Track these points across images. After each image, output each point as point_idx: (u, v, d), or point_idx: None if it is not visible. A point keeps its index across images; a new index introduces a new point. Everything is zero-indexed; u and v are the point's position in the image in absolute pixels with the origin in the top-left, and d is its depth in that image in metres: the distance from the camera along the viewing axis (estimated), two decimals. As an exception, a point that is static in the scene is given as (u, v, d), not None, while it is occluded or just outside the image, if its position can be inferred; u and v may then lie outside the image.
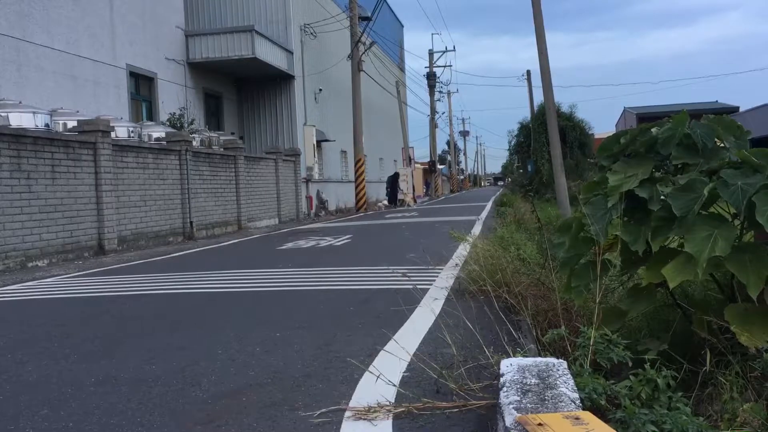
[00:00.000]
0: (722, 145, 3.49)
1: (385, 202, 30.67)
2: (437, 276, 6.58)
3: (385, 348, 3.74)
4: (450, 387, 2.98)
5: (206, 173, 15.88)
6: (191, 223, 14.83)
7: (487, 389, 2.95)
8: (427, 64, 53.79)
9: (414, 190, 36.43)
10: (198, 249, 12.35)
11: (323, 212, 25.15)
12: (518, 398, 2.37)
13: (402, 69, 47.70)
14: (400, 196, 31.06)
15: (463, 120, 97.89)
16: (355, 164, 26.70)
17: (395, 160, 42.75)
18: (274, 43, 22.75)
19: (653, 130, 3.58)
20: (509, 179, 50.38)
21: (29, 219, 10.37)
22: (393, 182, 30.87)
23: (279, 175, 20.50)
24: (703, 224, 3.07)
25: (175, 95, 19.80)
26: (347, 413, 2.81)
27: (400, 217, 20.46)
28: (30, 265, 10.25)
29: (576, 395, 2.39)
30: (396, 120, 38.96)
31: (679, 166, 3.52)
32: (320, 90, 27.17)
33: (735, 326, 3.07)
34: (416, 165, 46.36)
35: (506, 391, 2.45)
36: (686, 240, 3.10)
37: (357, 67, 26.10)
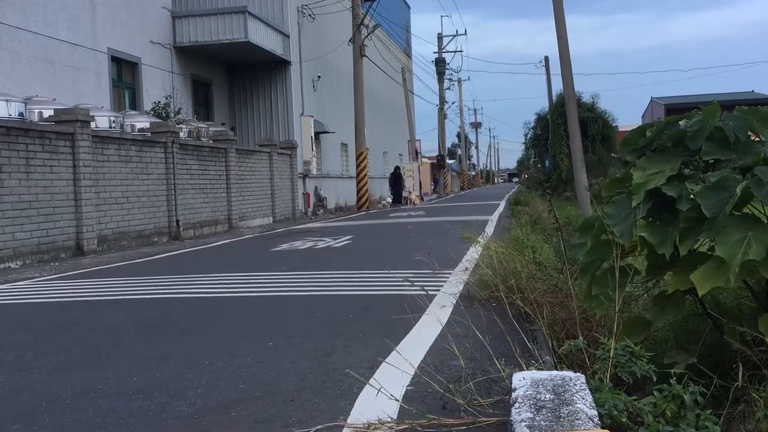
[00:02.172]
0: (757, 139, 3.48)
1: (389, 200, 30.65)
2: (445, 281, 6.57)
3: (388, 359, 3.75)
4: (457, 402, 2.98)
5: (194, 167, 15.91)
6: (178, 221, 14.87)
7: (497, 405, 2.95)
8: (436, 50, 53.81)
9: (420, 187, 36.43)
10: (185, 250, 12.38)
11: (321, 211, 25.17)
12: (531, 415, 2.37)
13: (408, 55, 47.71)
14: (404, 194, 31.04)
15: (474, 110, 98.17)
16: (357, 158, 26.71)
17: (400, 154, 42.76)
18: (268, 25, 22.78)
19: (681, 122, 3.57)
20: (525, 175, 50.28)
21: (1, 216, 10.41)
22: (395, 179, 30.84)
23: (273, 169, 20.53)
24: (736, 226, 3.06)
25: (160, 82, 19.84)
26: (345, 430, 2.82)
27: (405, 217, 20.44)
28: (1, 266, 10.29)
29: (594, 412, 2.39)
30: (401, 110, 38.97)
31: (710, 162, 3.51)
32: (319, 77, 27.18)
33: (770, 338, 3.06)
34: (423, 160, 46.37)
35: (518, 408, 2.45)
36: (717, 243, 3.09)
37: (359, 53, 26.11)
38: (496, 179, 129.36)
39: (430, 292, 5.46)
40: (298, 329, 4.98)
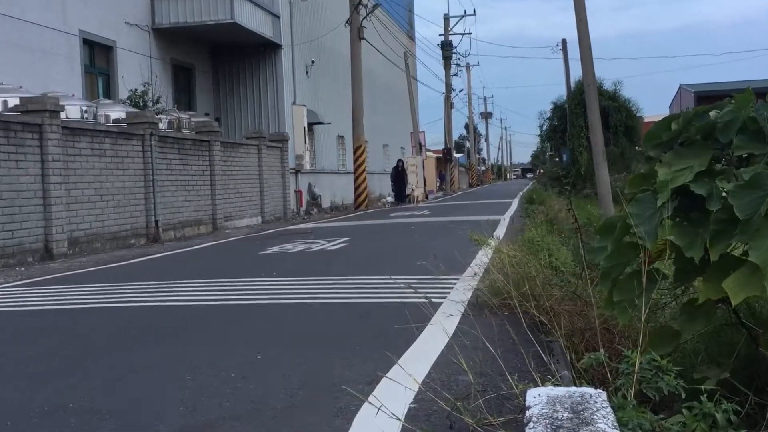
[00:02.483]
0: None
1: (389, 199, 30.54)
2: (452, 287, 6.58)
3: (388, 374, 3.75)
4: (466, 422, 2.99)
5: (175, 162, 15.92)
6: (157, 222, 14.88)
7: (509, 425, 2.95)
8: (442, 32, 53.79)
9: (425, 183, 36.39)
10: (165, 253, 12.38)
11: (315, 210, 25.19)
12: (547, 436, 2.37)
13: (411, 37, 47.73)
14: (407, 191, 30.91)
15: (484, 99, 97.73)
16: (355, 152, 26.72)
17: (402, 147, 42.76)
18: (257, 5, 22.78)
19: (711, 113, 3.57)
20: (540, 171, 50.32)
21: (-38, 216, 10.42)
22: (396, 174, 30.68)
23: (262, 164, 20.54)
24: (772, 228, 3.06)
25: (137, 68, 19.85)
26: (341, 452, 2.82)
27: (408, 216, 20.45)
28: (-37, 271, 10.30)
29: (617, 432, 2.39)
30: (404, 99, 38.98)
31: (744, 156, 3.51)
32: (312, 62, 27.18)
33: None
34: (428, 153, 46.33)
35: (533, 428, 2.45)
36: (750, 248, 3.09)
37: (357, 35, 26.11)
38: (508, 175, 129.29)
39: (435, 300, 5.47)
40: (289, 340, 4.99)
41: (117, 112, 15.32)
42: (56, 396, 3.85)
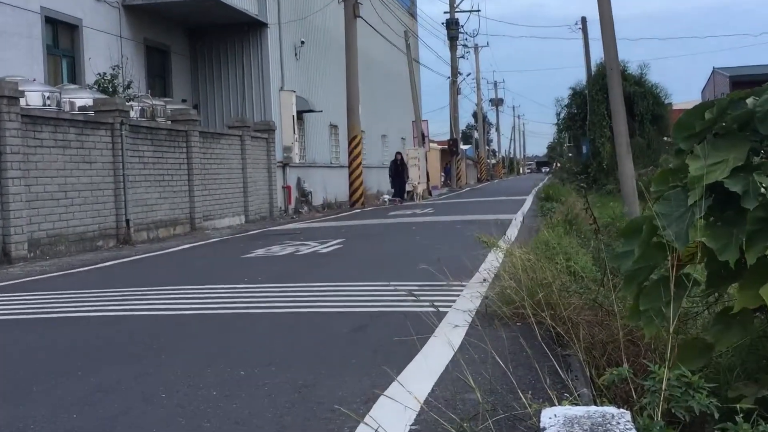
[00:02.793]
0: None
1: (386, 197, 30.43)
2: (458, 295, 6.59)
3: (387, 392, 3.75)
4: (473, 445, 2.99)
5: (148, 155, 15.92)
6: (128, 221, 14.87)
7: (522, 449, 2.95)
8: (447, 9, 53.84)
9: (428, 178, 36.42)
10: (136, 257, 12.38)
11: (306, 208, 25.19)
12: (564, 461, 2.37)
13: (413, 15, 47.74)
14: (407, 187, 30.80)
15: (495, 84, 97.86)
16: (350, 143, 26.72)
17: (403, 138, 42.79)
18: (240, -21, 22.78)
19: (749, 100, 3.57)
20: (557, 164, 50.29)
21: None
22: (395, 168, 30.58)
23: (246, 157, 20.54)
24: (816, 228, 3.06)
25: (106, 49, 19.83)
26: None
27: (409, 215, 20.45)
28: None
29: (642, 458, 2.39)
30: (404, 84, 38.99)
31: (786, 149, 3.51)
32: (302, 43, 27.17)
33: None
34: (432, 145, 46.40)
35: (548, 452, 2.44)
36: (792, 250, 3.09)
37: (352, 12, 26.11)
38: (521, 169, 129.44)
39: (439, 309, 5.46)
40: (277, 354, 4.98)
41: (83, 99, 15.29)
42: (13, 419, 3.84)
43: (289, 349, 5.14)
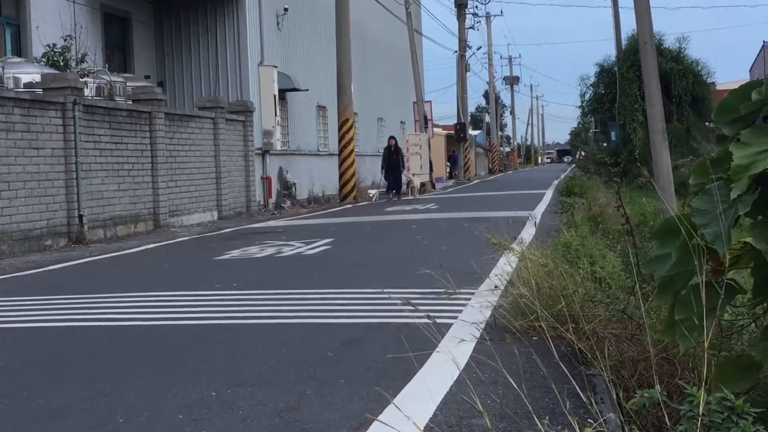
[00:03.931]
0: None
1: (374, 192, 29.39)
2: (464, 305, 6.59)
3: (381, 417, 3.75)
4: (480, 479, 2.99)
5: (105, 140, 15.89)
6: (81, 217, 14.85)
7: (537, 483, 2.96)
8: (455, -29, 53.77)
9: (431, 168, 36.43)
10: (91, 258, 12.36)
11: (289, 202, 25.18)
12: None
13: (415, -22, 47.68)
14: (404, 178, 30.10)
15: (510, 59, 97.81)
16: (340, 128, 26.67)
17: (403, 122, 42.77)
18: (213, -65, 22.72)
19: (802, 80, 3.58)
20: (581, 153, 50.32)
21: None
22: (389, 156, 29.75)
23: (220, 143, 20.52)
24: None
25: (57, 16, 19.77)
26: None
27: (409, 212, 20.44)
28: None
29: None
30: (405, 60, 38.95)
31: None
32: (285, 11, 27.13)
33: None
34: (436, 130, 46.42)
35: (566, 487, 2.45)
36: None
37: (344, -25, 26.05)
38: (540, 158, 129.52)
39: (442, 321, 5.47)
40: (254, 372, 4.98)
41: (29, 74, 15.25)
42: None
43: (269, 366, 5.14)
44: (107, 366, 5.35)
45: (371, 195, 28.49)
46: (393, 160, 29.30)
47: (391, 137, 30.50)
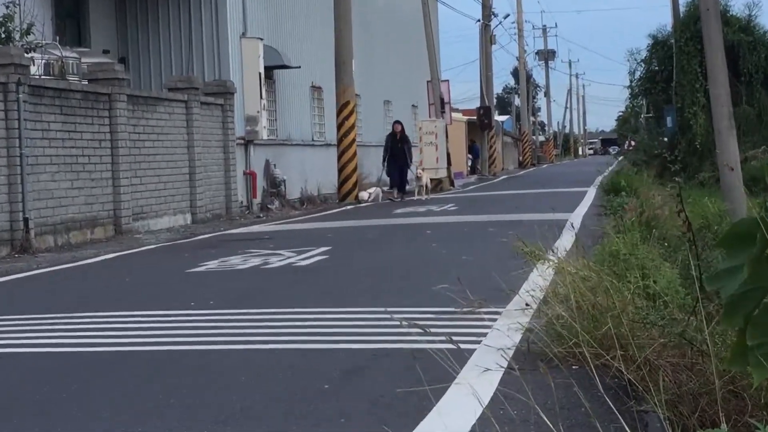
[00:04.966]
0: None
1: (367, 193, 28.41)
2: (489, 327, 6.56)
3: (388, 463, 3.75)
4: None
5: (55, 127, 15.90)
6: (26, 221, 14.86)
7: None
8: (477, -76, 53.77)
9: (449, 161, 36.37)
10: (39, 270, 12.38)
11: (277, 203, 25.18)
12: None
13: (429, -68, 47.64)
14: (412, 174, 29.24)
15: (543, 30, 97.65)
16: (339, 113, 26.67)
17: (414, 105, 42.74)
18: None
19: None
20: (631, 143, 50.20)
21: None
22: (393, 145, 28.62)
23: (194, 131, 20.52)
24: None
25: (-2, -21, 19.83)
26: None
27: (422, 214, 20.42)
28: None
29: None
30: (417, 31, 38.95)
31: None
32: (273, -29, 27.18)
33: None
34: (455, 115, 46.38)
35: None
36: None
37: (343, -71, 26.08)
38: (581, 149, 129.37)
39: (462, 346, 5.46)
40: (235, 408, 4.98)
41: (-35, 49, 15.28)
42: None
43: (253, 401, 5.13)
44: (59, 399, 5.35)
45: (367, 196, 27.33)
46: (398, 150, 28.31)
47: (397, 122, 29.67)
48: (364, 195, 27.27)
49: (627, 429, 3.78)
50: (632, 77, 33.89)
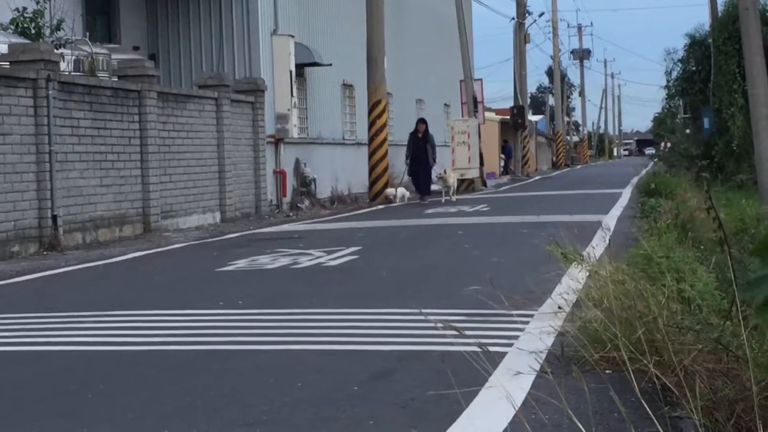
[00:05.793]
0: None
1: (392, 190, 27.33)
2: (522, 330, 6.56)
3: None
4: None
5: (85, 124, 15.96)
6: (55, 218, 14.92)
7: None
8: None
9: (481, 162, 36.29)
10: (67, 268, 12.44)
11: (307, 202, 25.21)
12: None
13: (463, -71, 47.58)
14: (435, 175, 28.30)
15: (579, 28, 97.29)
16: (371, 111, 26.65)
17: (447, 104, 42.71)
18: None
19: None
20: (667, 144, 49.91)
21: None
22: (415, 144, 27.63)
23: (224, 129, 20.56)
24: None
25: (29, -25, 19.94)
26: None
27: (454, 214, 20.38)
28: None
29: None
30: (450, 29, 38.92)
31: None
32: (305, -32, 27.21)
33: None
34: (488, 114, 46.27)
35: None
36: None
37: (376, -75, 26.08)
38: (616, 150, 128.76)
39: (494, 349, 5.44)
40: (262, 410, 4.98)
41: (-4, 45, 15.38)
42: None
43: (281, 404, 5.13)
44: (83, 400, 5.36)
45: (392, 195, 26.74)
46: (420, 149, 27.32)
47: (421, 120, 28.53)
48: (391, 191, 26.85)
49: (662, 436, 3.75)
50: (669, 77, 33.72)
